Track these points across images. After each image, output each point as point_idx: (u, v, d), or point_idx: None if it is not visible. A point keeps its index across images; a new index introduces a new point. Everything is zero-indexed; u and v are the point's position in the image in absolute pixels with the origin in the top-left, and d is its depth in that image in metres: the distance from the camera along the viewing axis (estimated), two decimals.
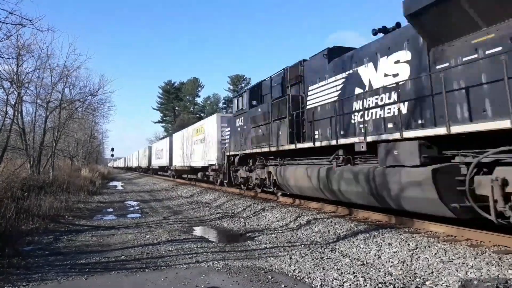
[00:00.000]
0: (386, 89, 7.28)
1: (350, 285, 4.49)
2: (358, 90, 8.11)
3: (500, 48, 5.13)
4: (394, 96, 6.98)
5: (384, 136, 6.76)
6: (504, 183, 4.79)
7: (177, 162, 26.95)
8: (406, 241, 5.82)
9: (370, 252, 5.81)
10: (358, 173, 7.39)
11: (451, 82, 5.86)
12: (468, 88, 5.65)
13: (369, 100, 7.76)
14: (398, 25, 7.78)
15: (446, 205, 5.52)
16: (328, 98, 9.14)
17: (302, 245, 6.70)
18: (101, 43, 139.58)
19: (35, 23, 8.96)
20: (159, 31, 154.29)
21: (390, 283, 4.47)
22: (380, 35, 7.89)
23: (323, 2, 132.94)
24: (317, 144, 8.81)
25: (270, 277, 4.88)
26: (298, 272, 5.06)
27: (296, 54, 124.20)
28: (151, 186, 26.77)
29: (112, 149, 52.78)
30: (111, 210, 13.43)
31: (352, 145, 7.58)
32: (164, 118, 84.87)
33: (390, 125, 7.21)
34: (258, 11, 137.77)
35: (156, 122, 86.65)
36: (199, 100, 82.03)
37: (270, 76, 12.27)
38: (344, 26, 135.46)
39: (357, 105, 8.16)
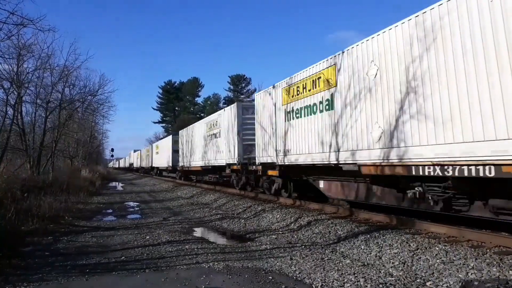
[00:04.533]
0: None
1: (350, 285, 4.48)
2: None
3: None
4: None
5: None
6: None
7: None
8: (407, 242, 5.82)
9: (370, 253, 5.80)
10: None
11: None
12: None
13: None
14: None
15: None
16: None
17: (303, 246, 6.69)
18: (100, 43, 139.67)
19: (36, 23, 9.00)
20: (159, 31, 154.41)
21: (391, 284, 4.47)
22: None
23: (322, 2, 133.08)
24: None
25: (270, 277, 4.87)
26: (299, 273, 5.05)
27: (296, 54, 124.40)
28: (151, 187, 26.76)
29: (112, 150, 52.99)
30: (111, 211, 13.42)
31: None
32: (164, 119, 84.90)
33: None
34: (258, 11, 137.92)
35: (156, 123, 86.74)
36: (199, 100, 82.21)
37: None
38: (342, 26, 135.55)
39: None
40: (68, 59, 22.93)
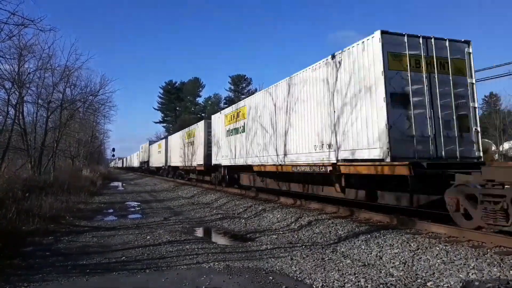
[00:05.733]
0: None
1: (351, 286, 4.48)
2: None
3: None
4: None
5: None
6: None
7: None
8: (407, 242, 5.81)
9: (371, 253, 5.80)
10: None
11: None
12: None
13: None
14: None
15: None
16: None
17: (303, 246, 6.69)
18: (100, 44, 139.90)
19: (37, 23, 9.01)
20: (159, 31, 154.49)
21: (391, 284, 4.46)
22: None
23: (321, 2, 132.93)
24: None
25: (271, 278, 4.87)
26: (299, 273, 5.05)
27: (296, 53, 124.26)
28: (152, 186, 26.77)
29: (113, 150, 53.13)
30: (111, 210, 13.44)
31: None
32: (165, 119, 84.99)
33: None
34: (258, 11, 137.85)
35: (157, 122, 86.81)
36: (200, 100, 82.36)
37: None
38: (342, 26, 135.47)
39: None
40: (69, 59, 22.94)
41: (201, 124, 21.18)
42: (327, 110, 9.06)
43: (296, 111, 10.53)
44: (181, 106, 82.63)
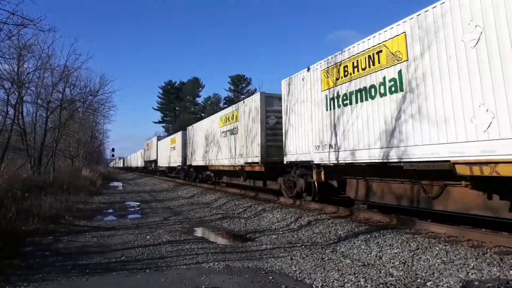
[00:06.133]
0: None
1: (351, 285, 4.48)
2: None
3: None
4: None
5: None
6: None
7: None
8: (407, 242, 5.81)
9: (371, 253, 5.80)
10: None
11: None
12: None
13: None
14: None
15: None
16: None
17: (303, 246, 6.69)
18: (100, 43, 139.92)
19: (36, 24, 9.02)
20: (159, 31, 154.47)
21: (391, 284, 4.47)
22: None
23: (320, 2, 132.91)
24: None
25: (271, 277, 4.87)
26: (299, 273, 5.05)
27: (296, 54, 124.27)
28: (152, 186, 26.75)
29: (113, 150, 53.13)
30: (111, 210, 13.44)
31: None
32: (164, 119, 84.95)
33: None
34: (258, 11, 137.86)
35: (157, 123, 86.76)
36: (199, 100, 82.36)
37: None
38: (341, 26, 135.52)
39: None
40: (69, 59, 22.87)
41: (250, 102, 13.93)
42: None
43: None
44: (181, 106, 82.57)
